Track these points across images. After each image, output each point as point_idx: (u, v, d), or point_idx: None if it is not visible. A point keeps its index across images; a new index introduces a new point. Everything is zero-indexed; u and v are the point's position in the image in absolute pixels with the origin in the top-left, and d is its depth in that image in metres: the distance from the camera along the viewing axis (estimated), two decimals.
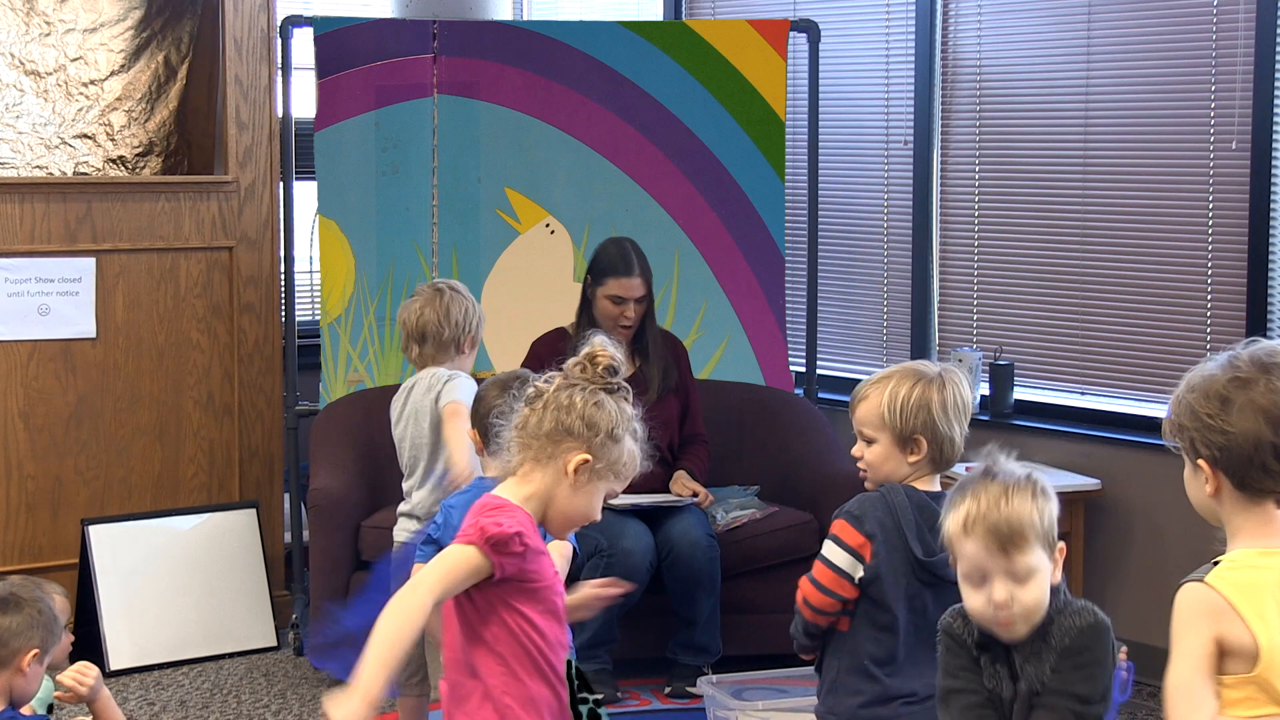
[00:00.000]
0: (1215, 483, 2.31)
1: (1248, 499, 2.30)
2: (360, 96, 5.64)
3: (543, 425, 2.65)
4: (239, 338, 5.71)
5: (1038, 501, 2.59)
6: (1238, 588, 2.25)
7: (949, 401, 3.10)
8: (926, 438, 3.08)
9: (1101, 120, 5.38)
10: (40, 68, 5.59)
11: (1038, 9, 5.52)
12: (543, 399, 2.66)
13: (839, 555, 3.10)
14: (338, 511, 5.09)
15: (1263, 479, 2.27)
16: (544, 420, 2.65)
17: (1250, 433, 2.26)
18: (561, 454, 2.64)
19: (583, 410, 2.64)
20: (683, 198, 5.86)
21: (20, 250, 5.36)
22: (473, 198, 5.77)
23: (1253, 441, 2.26)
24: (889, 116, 5.96)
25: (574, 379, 2.68)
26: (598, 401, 2.65)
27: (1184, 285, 5.18)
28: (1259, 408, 2.26)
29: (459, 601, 2.62)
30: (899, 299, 5.96)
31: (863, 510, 3.11)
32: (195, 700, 5.03)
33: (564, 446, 2.64)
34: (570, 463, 2.63)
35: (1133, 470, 5.22)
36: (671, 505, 5.04)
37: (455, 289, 4.27)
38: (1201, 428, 2.30)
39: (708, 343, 5.83)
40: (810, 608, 3.13)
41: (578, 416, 2.63)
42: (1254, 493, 2.29)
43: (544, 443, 2.65)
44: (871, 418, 3.12)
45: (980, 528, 2.55)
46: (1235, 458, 2.27)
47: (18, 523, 5.40)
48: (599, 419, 2.64)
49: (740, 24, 5.95)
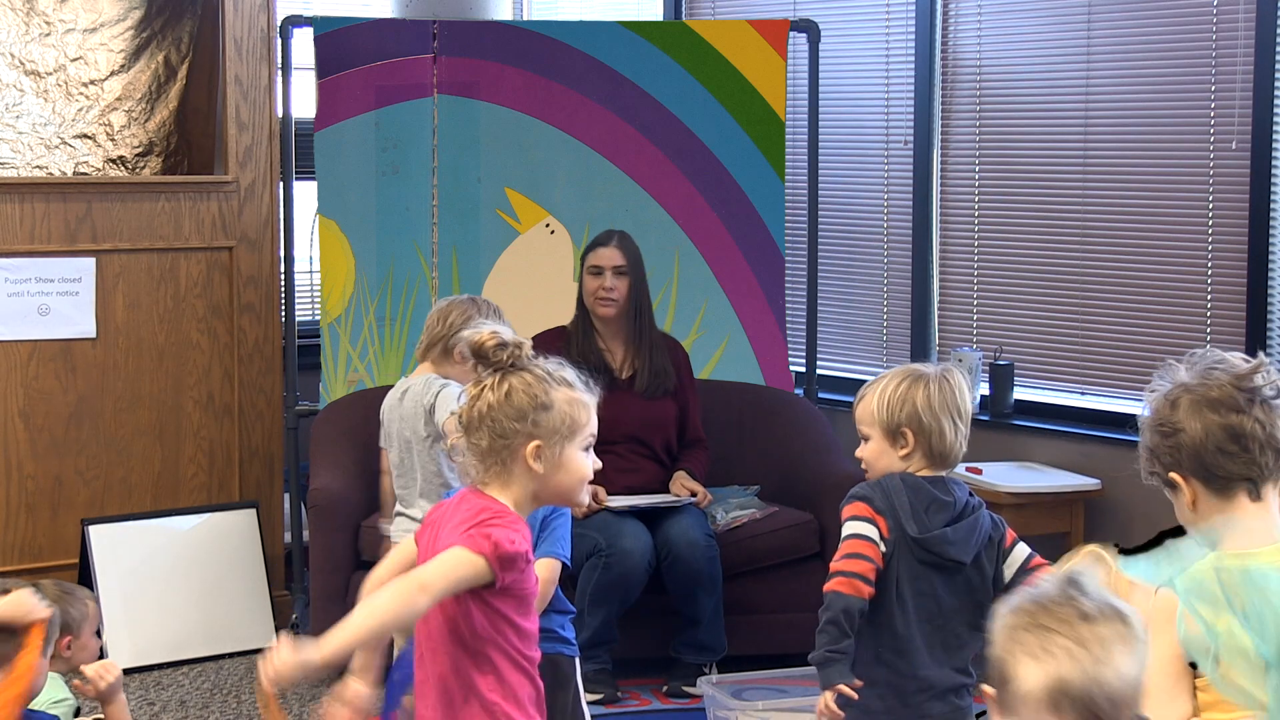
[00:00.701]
0: (1190, 491, 2.38)
1: (1221, 497, 2.36)
2: (360, 96, 5.64)
3: (483, 442, 2.66)
4: (239, 338, 5.71)
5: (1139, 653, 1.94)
6: (1202, 593, 2.30)
7: (935, 396, 3.15)
8: (912, 430, 3.15)
9: (1101, 120, 5.38)
10: (40, 68, 5.59)
11: (1038, 9, 5.52)
12: (471, 422, 2.68)
13: (863, 526, 3.15)
14: (338, 511, 5.08)
15: (1225, 463, 2.34)
16: (482, 438, 2.66)
17: (1197, 425, 2.35)
18: (515, 453, 2.66)
19: (500, 407, 2.65)
20: (683, 198, 5.86)
21: (20, 250, 5.36)
22: (473, 198, 5.77)
23: (1202, 430, 2.34)
24: (889, 116, 5.96)
25: (479, 381, 2.70)
26: (507, 391, 2.66)
27: (1184, 285, 5.19)
28: (1197, 399, 2.36)
29: (451, 603, 2.63)
30: (899, 299, 5.96)
31: (868, 491, 3.18)
32: (195, 700, 5.03)
33: (512, 446, 2.66)
34: (527, 455, 2.66)
35: (1133, 470, 5.20)
36: (670, 505, 5.04)
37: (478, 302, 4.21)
38: (1160, 440, 2.40)
39: (708, 343, 5.83)
40: (855, 578, 3.10)
41: (502, 415, 2.65)
42: (1222, 484, 2.34)
43: (494, 456, 2.67)
44: (866, 415, 3.21)
45: (1076, 707, 1.87)
46: (1193, 453, 2.35)
47: (18, 523, 5.40)
48: (518, 402, 2.66)
49: (740, 24, 5.95)
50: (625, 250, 5.15)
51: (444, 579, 2.56)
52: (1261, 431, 2.33)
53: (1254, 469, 2.33)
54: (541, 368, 2.71)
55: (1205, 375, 2.37)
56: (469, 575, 2.57)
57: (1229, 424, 2.33)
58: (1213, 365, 2.38)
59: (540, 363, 2.72)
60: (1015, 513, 5.11)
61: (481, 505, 2.66)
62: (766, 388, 5.80)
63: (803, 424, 5.59)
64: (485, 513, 2.63)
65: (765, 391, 5.77)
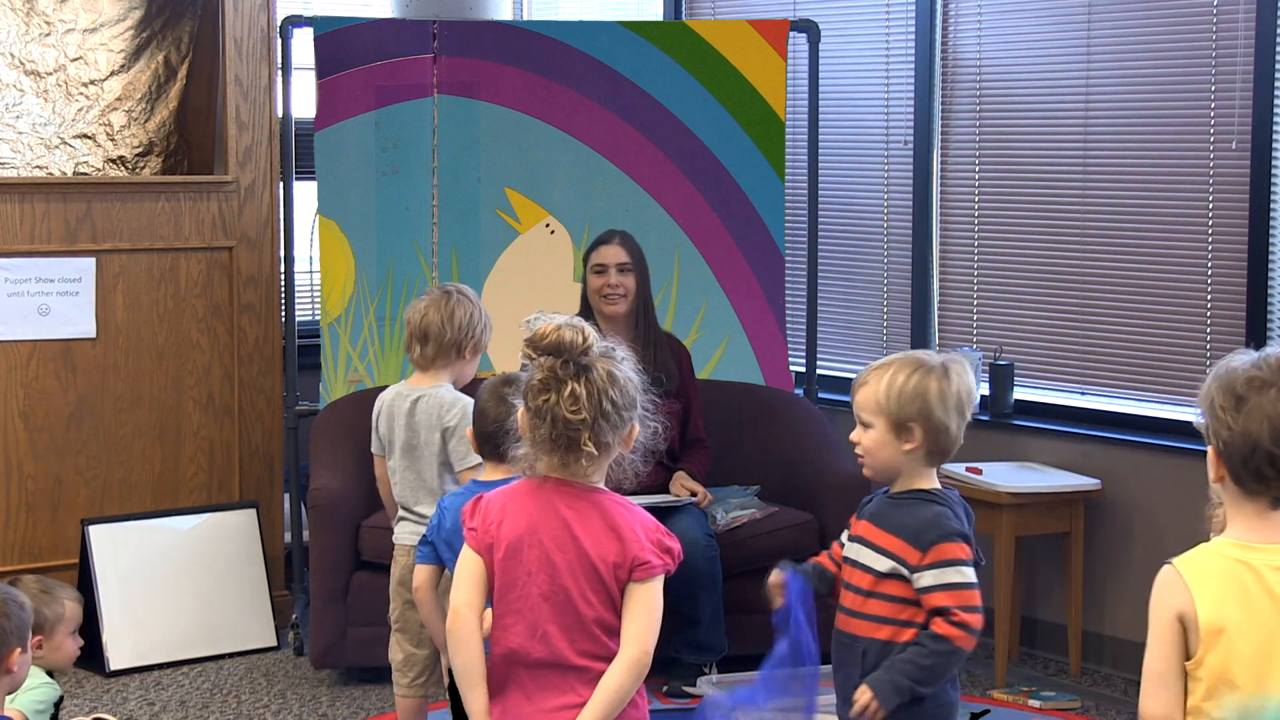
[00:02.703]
0: (1219, 471, 2.35)
1: (1243, 494, 2.34)
2: (360, 96, 5.64)
3: (605, 437, 2.67)
4: (239, 338, 5.71)
5: None
6: (1198, 569, 2.31)
7: (948, 392, 3.06)
8: (921, 426, 3.05)
9: (1101, 120, 5.38)
10: (40, 68, 5.59)
11: (1038, 9, 5.52)
12: (596, 418, 2.66)
13: (972, 574, 3.06)
14: (338, 511, 5.08)
15: (1254, 483, 2.31)
16: (604, 433, 2.67)
17: (1250, 436, 2.28)
18: (619, 445, 2.71)
19: (618, 397, 2.66)
20: (683, 198, 5.86)
21: (20, 250, 5.36)
22: (473, 198, 5.77)
23: (1251, 445, 2.28)
24: (889, 116, 5.96)
25: (556, 377, 2.67)
26: (615, 380, 2.67)
27: (1184, 285, 5.18)
28: (1266, 414, 2.28)
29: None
30: (899, 299, 5.96)
31: (963, 528, 3.09)
32: (195, 700, 5.02)
33: (622, 434, 2.70)
34: (631, 439, 2.72)
35: (1133, 470, 5.22)
36: (671, 505, 5.04)
37: (464, 293, 4.25)
38: (1214, 419, 2.32)
39: (708, 343, 5.83)
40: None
41: (619, 405, 2.67)
42: (1247, 488, 2.33)
43: (608, 451, 2.70)
44: (869, 402, 3.11)
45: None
46: (1235, 455, 2.31)
47: (18, 523, 5.40)
48: (630, 390, 2.69)
49: (740, 24, 5.95)
50: (628, 248, 5.15)
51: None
52: None
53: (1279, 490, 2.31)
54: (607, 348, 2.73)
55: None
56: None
57: (1277, 453, 2.27)
58: None
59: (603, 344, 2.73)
60: (1015, 513, 5.12)
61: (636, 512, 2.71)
62: (766, 388, 5.80)
63: (803, 424, 5.59)
64: (657, 528, 2.71)
65: (765, 391, 5.77)
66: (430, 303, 4.21)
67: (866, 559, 3.10)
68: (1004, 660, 5.17)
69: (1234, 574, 2.30)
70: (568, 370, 2.65)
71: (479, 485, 3.42)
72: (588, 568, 2.65)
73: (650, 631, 2.65)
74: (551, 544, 2.67)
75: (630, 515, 2.69)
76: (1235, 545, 2.32)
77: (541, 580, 2.66)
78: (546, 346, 2.67)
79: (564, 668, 2.66)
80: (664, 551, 2.67)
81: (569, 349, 2.65)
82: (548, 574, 2.66)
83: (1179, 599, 2.29)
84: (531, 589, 2.67)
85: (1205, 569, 2.31)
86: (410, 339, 4.25)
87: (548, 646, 2.67)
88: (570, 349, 2.65)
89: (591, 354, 2.67)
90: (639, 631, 2.64)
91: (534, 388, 2.67)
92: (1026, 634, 5.48)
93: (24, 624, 3.31)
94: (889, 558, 3.06)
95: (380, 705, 4.94)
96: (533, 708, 2.68)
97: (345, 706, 4.97)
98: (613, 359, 2.69)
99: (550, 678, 2.67)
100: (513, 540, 2.69)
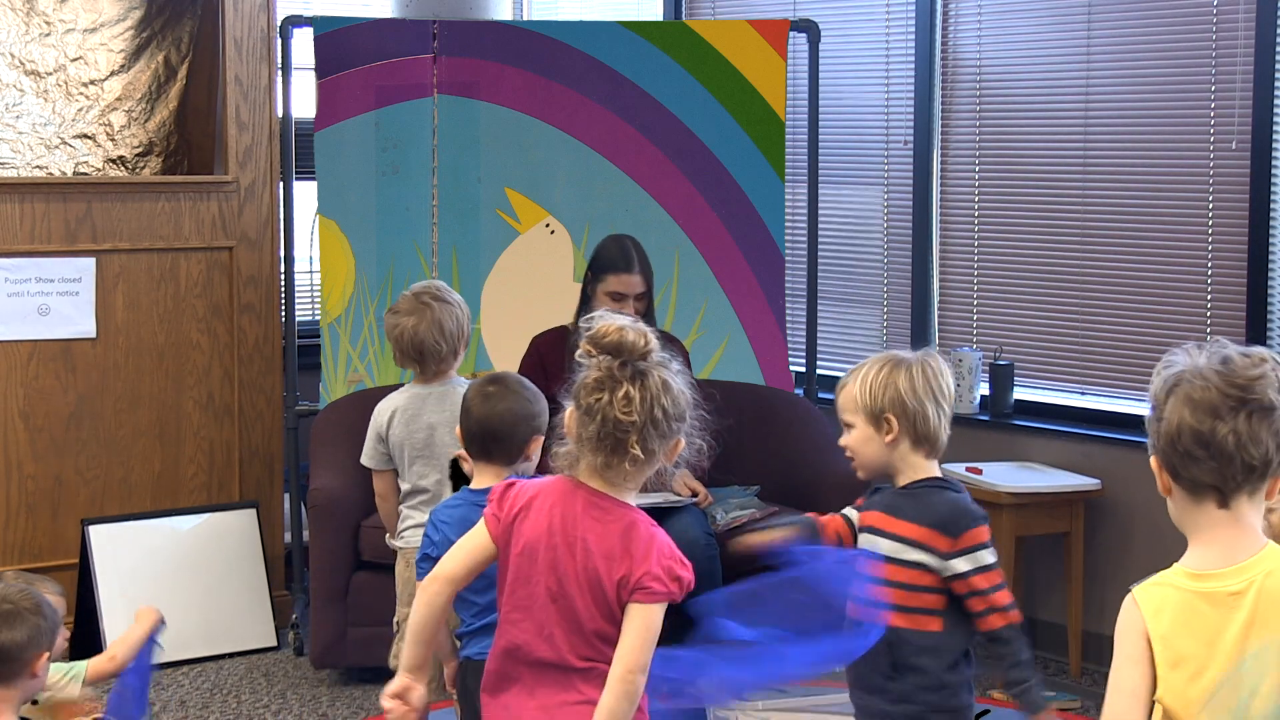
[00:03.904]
0: (1163, 479, 2.30)
1: (1190, 499, 2.27)
2: (360, 96, 5.64)
3: (652, 444, 2.63)
4: (239, 338, 5.71)
5: None
6: (1154, 606, 2.24)
7: (917, 379, 3.12)
8: (895, 414, 3.11)
9: (1101, 120, 5.38)
10: (40, 68, 5.59)
11: (1038, 9, 5.52)
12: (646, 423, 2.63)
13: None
14: (338, 511, 5.08)
15: (1189, 466, 2.24)
16: (651, 440, 2.63)
17: (1174, 420, 2.24)
18: (663, 455, 2.69)
19: (671, 405, 2.64)
20: (683, 198, 5.86)
21: (20, 250, 5.36)
22: (473, 198, 5.77)
23: (1176, 428, 2.23)
24: (889, 116, 5.96)
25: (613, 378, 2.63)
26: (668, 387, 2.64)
27: (1184, 285, 5.19)
28: (1187, 396, 2.24)
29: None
30: (899, 299, 5.96)
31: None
32: (195, 700, 5.03)
33: (669, 444, 2.68)
34: (675, 452, 2.70)
35: (1133, 470, 5.22)
36: (671, 506, 5.04)
37: (440, 297, 4.16)
38: (1151, 421, 2.30)
39: (708, 343, 5.83)
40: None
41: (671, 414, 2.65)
42: (1188, 485, 2.25)
43: (653, 461, 2.67)
44: (848, 403, 3.18)
45: None
46: (1166, 448, 2.26)
47: (18, 523, 5.40)
48: (681, 400, 2.66)
49: (740, 24, 5.95)
50: (645, 273, 5.03)
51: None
52: (1233, 442, 2.20)
53: (1218, 478, 2.22)
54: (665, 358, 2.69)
55: (1205, 371, 2.24)
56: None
57: (1201, 429, 2.21)
58: (1220, 362, 2.25)
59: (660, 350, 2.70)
60: (1015, 513, 5.12)
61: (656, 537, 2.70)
62: (766, 388, 5.80)
63: (803, 424, 5.59)
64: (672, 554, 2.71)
65: (765, 391, 5.77)
66: (416, 319, 4.12)
67: (884, 548, 3.13)
68: None
69: (1190, 606, 2.23)
70: (624, 372, 2.62)
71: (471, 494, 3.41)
72: (594, 580, 2.64)
73: (638, 652, 2.62)
74: (565, 550, 2.66)
75: (649, 538, 2.67)
76: (1185, 574, 2.26)
77: (551, 583, 2.66)
78: (607, 345, 2.64)
79: (566, 668, 2.67)
80: (673, 579, 2.66)
81: (629, 350, 2.63)
82: (557, 578, 2.66)
83: (1138, 639, 2.23)
84: (540, 589, 2.67)
85: (1166, 606, 2.24)
86: (402, 356, 4.18)
87: (553, 648, 2.67)
88: (631, 350, 2.63)
89: (650, 359, 2.65)
90: (625, 650, 2.62)
91: (587, 385, 2.64)
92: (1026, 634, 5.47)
93: (56, 627, 3.29)
94: (916, 547, 3.10)
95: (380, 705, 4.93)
96: (535, 703, 2.68)
97: (345, 706, 4.97)
98: (669, 368, 2.67)
99: (552, 675, 2.68)
100: (531, 539, 2.69)
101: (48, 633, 3.23)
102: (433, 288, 4.23)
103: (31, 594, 3.26)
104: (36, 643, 3.20)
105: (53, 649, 3.28)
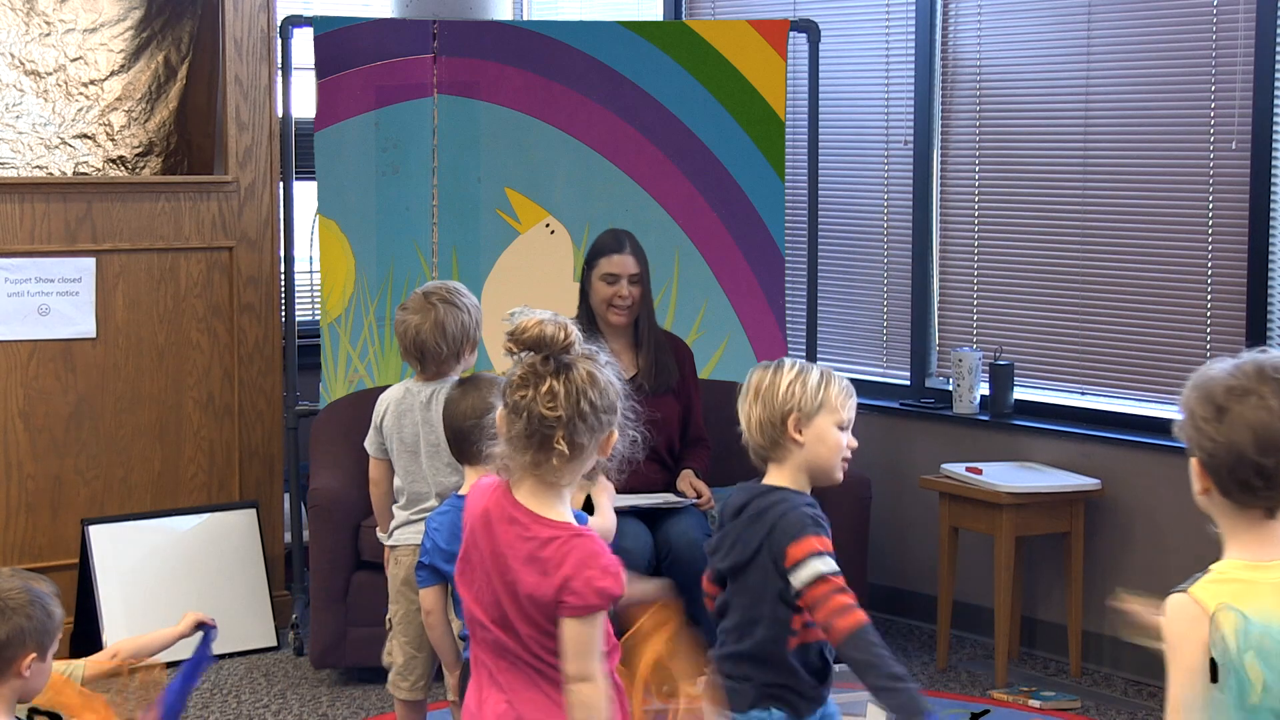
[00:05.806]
0: (1205, 483, 2.29)
1: (1234, 506, 2.27)
2: (360, 96, 5.64)
3: (581, 438, 2.58)
4: (239, 338, 5.71)
5: None
6: (1214, 595, 2.21)
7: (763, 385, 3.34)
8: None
9: (1101, 120, 5.38)
10: (40, 68, 5.59)
11: (1038, 9, 5.52)
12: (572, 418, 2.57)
13: (833, 563, 3.15)
14: (338, 511, 5.09)
15: (1243, 494, 2.24)
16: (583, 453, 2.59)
17: (1235, 446, 2.22)
18: (594, 449, 2.63)
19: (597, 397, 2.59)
20: (683, 198, 5.86)
21: (20, 250, 5.36)
22: (473, 198, 5.77)
23: (1235, 456, 2.22)
24: (889, 116, 5.96)
25: (536, 373, 2.59)
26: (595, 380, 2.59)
27: (1184, 285, 5.19)
28: (1248, 423, 2.21)
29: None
30: (899, 299, 5.96)
31: (817, 517, 3.21)
32: (195, 700, 5.02)
33: (599, 439, 2.62)
34: (609, 445, 2.64)
35: (1133, 470, 5.22)
36: (672, 507, 5.04)
37: (448, 299, 4.14)
38: (1195, 430, 2.27)
39: (708, 343, 5.83)
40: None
41: (599, 407, 2.59)
42: (1239, 503, 2.26)
43: (583, 455, 2.60)
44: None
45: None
46: (1220, 467, 2.24)
47: (18, 523, 5.40)
48: (610, 392, 2.61)
49: (740, 24, 5.95)
50: (638, 256, 5.09)
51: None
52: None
53: (1273, 502, 2.23)
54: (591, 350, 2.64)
55: (1271, 401, 2.20)
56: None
57: (1265, 464, 2.20)
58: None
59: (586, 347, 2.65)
60: (1015, 513, 5.12)
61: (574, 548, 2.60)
62: None
63: None
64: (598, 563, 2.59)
65: None
66: (420, 318, 4.12)
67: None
68: (1004, 660, 5.17)
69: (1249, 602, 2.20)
70: (548, 367, 2.58)
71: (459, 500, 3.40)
72: (512, 594, 2.59)
73: (580, 668, 2.54)
74: (492, 562, 2.62)
75: (563, 554, 2.56)
76: (1247, 567, 2.24)
77: (485, 591, 2.64)
78: (527, 341, 2.59)
79: (525, 663, 2.63)
80: (595, 592, 2.54)
81: (550, 345, 2.57)
82: (490, 587, 2.63)
83: (1204, 633, 2.19)
84: (485, 593, 2.65)
85: (1233, 599, 2.21)
86: (405, 353, 4.21)
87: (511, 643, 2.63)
88: (551, 345, 2.57)
89: (573, 352, 2.59)
90: (570, 672, 2.56)
91: (513, 384, 2.60)
92: (1026, 634, 5.48)
93: (45, 630, 3.19)
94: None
95: (380, 705, 4.94)
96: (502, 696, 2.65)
97: (345, 706, 4.97)
98: (595, 361, 2.61)
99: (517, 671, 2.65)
100: (467, 546, 2.68)
101: (34, 633, 3.14)
102: (444, 289, 4.20)
103: (28, 591, 3.20)
104: (20, 642, 3.13)
105: (45, 649, 3.22)
